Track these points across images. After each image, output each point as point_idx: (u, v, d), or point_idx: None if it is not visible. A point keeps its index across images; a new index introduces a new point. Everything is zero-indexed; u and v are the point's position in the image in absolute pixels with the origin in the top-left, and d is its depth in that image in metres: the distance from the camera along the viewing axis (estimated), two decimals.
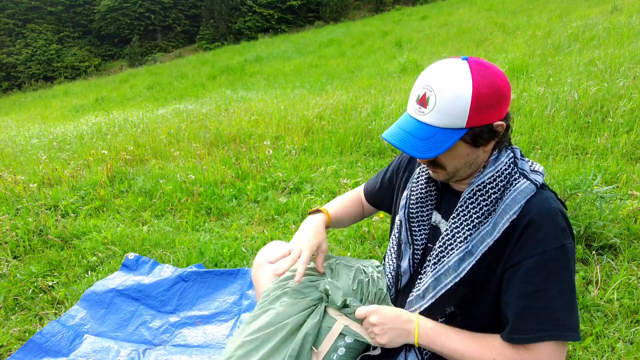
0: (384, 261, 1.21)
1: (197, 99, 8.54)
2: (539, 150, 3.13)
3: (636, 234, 2.00)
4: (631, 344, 1.47)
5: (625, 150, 2.89)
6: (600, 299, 1.68)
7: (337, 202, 1.37)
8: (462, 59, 0.88)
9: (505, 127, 0.92)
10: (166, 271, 2.13)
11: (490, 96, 0.86)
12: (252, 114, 5.26)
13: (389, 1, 31.50)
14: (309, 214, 1.27)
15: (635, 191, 2.26)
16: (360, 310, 1.03)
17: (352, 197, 1.41)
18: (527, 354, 0.89)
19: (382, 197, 1.32)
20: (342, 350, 1.05)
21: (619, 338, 1.51)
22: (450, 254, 0.97)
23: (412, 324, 0.99)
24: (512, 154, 0.97)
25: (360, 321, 1.05)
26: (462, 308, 1.01)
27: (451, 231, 0.98)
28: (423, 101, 0.89)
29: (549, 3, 11.91)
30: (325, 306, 1.08)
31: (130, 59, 32.02)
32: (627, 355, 1.42)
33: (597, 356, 1.44)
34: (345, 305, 1.06)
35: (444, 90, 0.86)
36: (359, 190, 1.43)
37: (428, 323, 0.99)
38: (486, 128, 0.89)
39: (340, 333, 1.05)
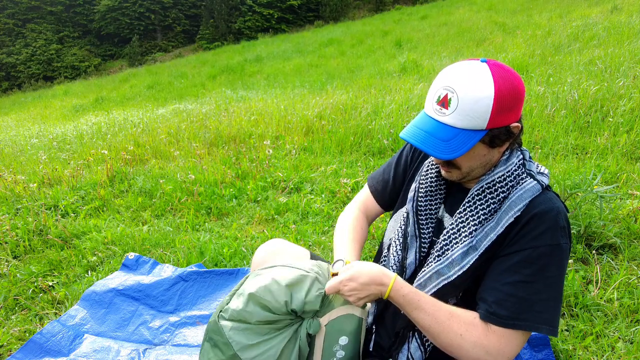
0: (387, 252, 1.20)
1: (197, 99, 8.54)
2: (539, 150, 3.13)
3: (636, 234, 2.00)
4: (631, 343, 1.48)
5: (625, 149, 2.89)
6: (600, 298, 1.68)
7: (350, 242, 1.25)
8: (482, 61, 0.90)
9: (520, 128, 0.95)
10: (166, 271, 2.13)
11: (510, 98, 0.88)
12: (252, 114, 5.26)
13: (389, 1, 31.45)
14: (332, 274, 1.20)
15: (635, 191, 2.27)
16: (330, 285, 1.02)
17: (355, 226, 1.29)
18: (492, 335, 0.92)
19: (397, 193, 1.27)
20: (340, 354, 1.05)
21: (619, 337, 1.51)
22: (455, 248, 0.99)
23: (385, 288, 0.99)
24: (521, 156, 1.00)
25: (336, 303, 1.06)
26: (464, 300, 1.03)
27: (456, 225, 1.00)
28: (444, 102, 0.91)
29: (549, 2, 11.90)
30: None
31: (130, 58, 31.98)
32: (627, 355, 1.42)
33: (597, 355, 1.44)
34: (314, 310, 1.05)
35: (467, 92, 0.87)
36: (357, 207, 1.34)
37: (403, 289, 0.99)
38: (504, 129, 0.92)
39: (333, 337, 1.05)
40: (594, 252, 1.91)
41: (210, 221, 2.77)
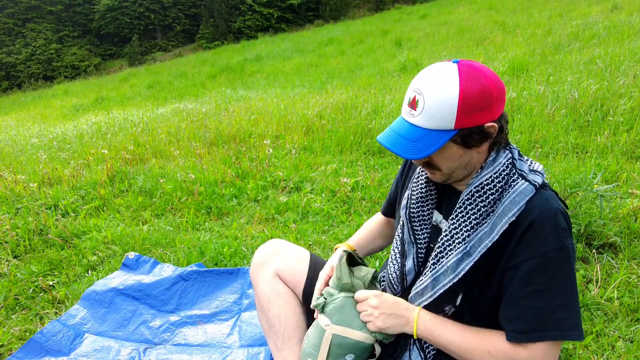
0: (387, 261, 1.21)
1: (197, 98, 8.54)
2: (539, 149, 3.13)
3: (636, 233, 2.00)
4: (631, 342, 1.48)
5: (626, 148, 2.89)
6: (601, 297, 1.68)
7: (361, 230, 1.43)
8: (453, 62, 0.90)
9: (498, 128, 0.92)
10: (166, 270, 2.13)
11: (478, 98, 0.87)
12: (252, 113, 5.26)
13: (389, 0, 31.44)
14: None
15: (636, 190, 2.27)
16: (361, 293, 1.08)
17: (374, 219, 1.45)
18: (523, 351, 0.90)
19: (394, 203, 1.33)
20: None
21: (619, 336, 1.51)
22: (449, 255, 0.98)
23: (412, 313, 1.02)
24: (510, 155, 0.97)
25: (349, 321, 1.07)
26: (463, 308, 1.02)
27: (450, 232, 0.99)
28: (413, 104, 0.92)
29: (549, 1, 11.89)
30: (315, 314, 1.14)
31: (130, 58, 31.94)
32: (627, 354, 1.42)
33: (597, 355, 1.44)
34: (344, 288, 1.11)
35: (431, 93, 0.88)
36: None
37: (427, 315, 1.02)
38: (476, 129, 0.90)
39: (338, 351, 1.07)
40: (594, 251, 1.90)
41: (210, 221, 2.78)
